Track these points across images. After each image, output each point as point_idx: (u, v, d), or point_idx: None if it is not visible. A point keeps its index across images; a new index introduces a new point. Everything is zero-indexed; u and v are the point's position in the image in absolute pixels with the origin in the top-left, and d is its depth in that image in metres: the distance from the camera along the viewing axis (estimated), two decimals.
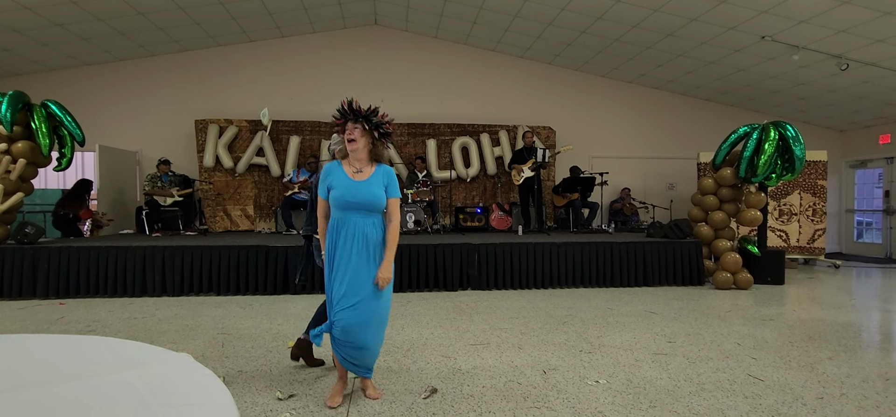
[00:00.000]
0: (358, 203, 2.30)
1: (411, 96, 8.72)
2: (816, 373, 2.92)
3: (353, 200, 2.30)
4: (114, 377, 0.98)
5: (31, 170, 5.57)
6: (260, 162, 8.08)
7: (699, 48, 7.32)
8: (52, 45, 7.21)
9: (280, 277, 5.32)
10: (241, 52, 8.44)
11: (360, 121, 2.34)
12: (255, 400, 2.49)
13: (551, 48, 8.34)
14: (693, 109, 9.47)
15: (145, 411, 0.82)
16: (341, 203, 2.30)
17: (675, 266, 5.99)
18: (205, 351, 3.29)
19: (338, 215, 2.34)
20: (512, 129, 8.65)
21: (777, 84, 8.11)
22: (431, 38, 8.81)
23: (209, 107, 8.28)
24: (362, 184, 2.34)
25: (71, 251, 5.16)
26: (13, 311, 4.56)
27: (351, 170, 2.37)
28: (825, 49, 6.64)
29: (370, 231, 2.33)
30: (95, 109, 7.91)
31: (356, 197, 2.30)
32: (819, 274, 7.25)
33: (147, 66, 8.26)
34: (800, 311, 4.62)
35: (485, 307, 4.68)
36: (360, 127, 2.34)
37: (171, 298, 5.12)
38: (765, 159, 5.54)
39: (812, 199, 7.81)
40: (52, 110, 5.60)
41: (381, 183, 2.38)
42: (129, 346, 1.17)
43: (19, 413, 0.83)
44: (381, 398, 2.48)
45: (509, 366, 3.01)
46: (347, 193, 2.30)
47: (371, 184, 2.34)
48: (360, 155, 2.37)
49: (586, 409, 2.40)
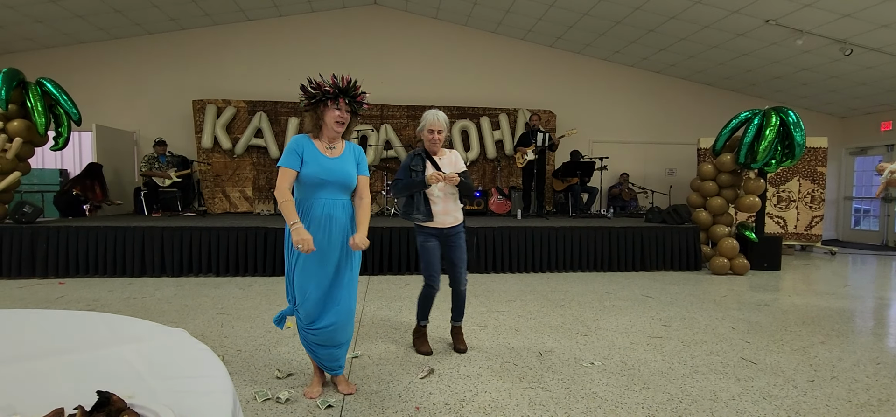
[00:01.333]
0: (331, 180, 2.20)
1: (411, 78, 8.65)
2: (808, 357, 2.95)
3: (327, 178, 2.19)
4: (110, 350, 0.99)
5: (28, 149, 5.54)
6: (258, 143, 8.04)
7: (702, 32, 7.24)
8: (47, 22, 7.11)
9: (279, 259, 5.33)
10: (238, 32, 8.34)
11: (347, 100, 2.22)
12: (254, 378, 2.52)
13: (553, 30, 8.24)
14: (694, 94, 9.42)
15: (141, 383, 0.83)
16: (313, 180, 2.18)
17: (672, 251, 6.01)
18: (204, 331, 3.32)
19: (305, 194, 2.22)
20: (512, 113, 8.60)
21: (780, 69, 8.05)
22: (431, 19, 8.70)
23: (207, 88, 8.21)
24: (335, 161, 2.23)
25: (69, 231, 5.16)
26: (12, 290, 4.58)
27: (323, 145, 2.25)
28: (829, 34, 6.58)
29: (338, 212, 2.23)
30: (92, 88, 7.84)
31: (330, 175, 2.19)
32: (815, 260, 7.28)
33: (143, 45, 8.17)
34: (794, 297, 4.65)
35: (483, 290, 4.71)
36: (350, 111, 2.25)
37: (170, 278, 5.13)
38: (765, 145, 5.52)
39: (811, 186, 7.81)
40: (48, 88, 5.55)
41: (352, 160, 2.29)
42: (126, 322, 1.18)
43: (18, 384, 0.84)
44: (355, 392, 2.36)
45: (506, 348, 3.04)
46: (321, 171, 2.19)
47: (343, 162, 2.25)
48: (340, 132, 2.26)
49: (581, 390, 2.43)
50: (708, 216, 6.18)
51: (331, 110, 2.20)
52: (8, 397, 0.73)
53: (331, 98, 2.20)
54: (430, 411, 2.19)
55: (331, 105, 2.20)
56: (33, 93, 5.43)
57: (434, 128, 2.77)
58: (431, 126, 2.78)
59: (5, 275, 5.08)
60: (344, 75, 2.25)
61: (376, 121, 8.30)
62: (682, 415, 2.17)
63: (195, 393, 0.80)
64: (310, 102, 2.23)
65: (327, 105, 2.20)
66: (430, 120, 2.77)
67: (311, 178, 2.18)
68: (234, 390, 0.83)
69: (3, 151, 5.29)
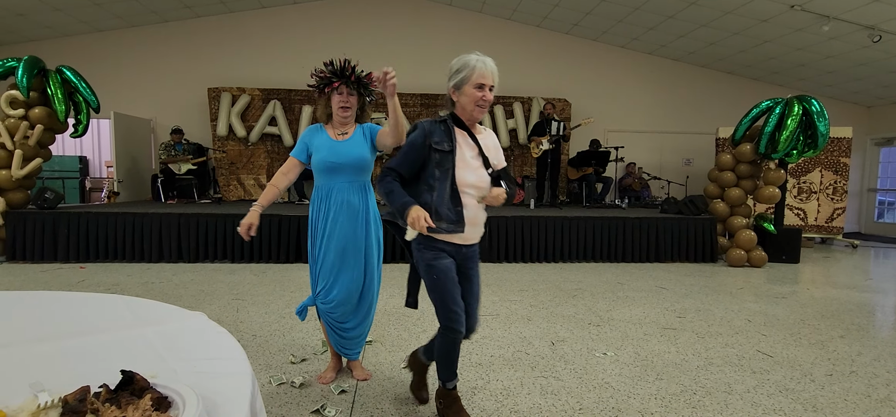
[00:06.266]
0: (343, 164, 2.17)
1: (425, 66, 8.60)
2: (827, 351, 2.90)
3: (339, 161, 2.16)
4: (132, 332, 1.01)
5: (49, 136, 5.66)
6: (272, 131, 8.10)
7: (724, 18, 7.06)
8: (65, 10, 7.22)
9: (292, 246, 5.39)
10: (253, 19, 8.37)
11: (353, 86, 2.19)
12: (269, 363, 2.56)
13: (569, 17, 8.12)
14: (714, 83, 9.22)
15: (162, 364, 0.85)
16: (326, 165, 2.16)
17: (688, 242, 5.93)
18: (220, 316, 3.38)
19: (321, 181, 2.21)
20: (526, 101, 8.52)
21: (804, 56, 7.82)
22: (446, 6, 8.63)
23: (222, 75, 8.28)
24: (345, 143, 2.20)
25: (90, 216, 5.28)
26: (36, 273, 4.71)
27: (334, 132, 2.24)
28: (857, 20, 6.36)
29: (356, 198, 2.20)
30: (109, 76, 7.96)
31: (341, 157, 2.17)
32: (835, 253, 7.13)
33: (160, 33, 8.25)
34: (813, 290, 4.56)
35: (495, 279, 4.70)
36: (355, 93, 2.21)
37: (186, 264, 5.23)
38: (786, 135, 5.39)
39: (833, 177, 7.62)
40: (68, 76, 5.64)
41: (362, 140, 2.23)
42: (147, 304, 1.20)
43: (46, 362, 0.86)
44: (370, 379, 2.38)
45: (518, 337, 3.04)
46: (332, 155, 2.16)
47: (354, 144, 2.21)
48: (350, 118, 2.24)
49: (593, 380, 2.42)
50: (725, 207, 6.07)
51: (333, 95, 2.20)
52: (37, 374, 0.75)
53: (327, 83, 2.19)
54: None
55: (332, 90, 2.19)
56: (53, 80, 5.53)
57: (484, 81, 1.75)
58: (480, 77, 1.74)
59: (28, 259, 5.22)
60: (340, 58, 2.21)
61: None
62: (696, 407, 2.16)
63: (215, 375, 0.81)
64: (318, 91, 2.24)
65: (329, 91, 2.20)
66: (477, 67, 1.74)
67: (322, 164, 2.18)
68: (252, 372, 0.84)
69: (24, 138, 5.41)
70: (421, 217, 1.61)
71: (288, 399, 2.15)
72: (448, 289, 1.79)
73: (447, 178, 1.75)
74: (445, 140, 1.77)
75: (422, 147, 1.76)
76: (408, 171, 1.79)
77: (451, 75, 1.82)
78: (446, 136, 1.78)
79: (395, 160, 1.80)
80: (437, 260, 1.79)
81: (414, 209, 1.64)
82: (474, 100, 1.75)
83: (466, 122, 1.82)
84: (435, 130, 1.78)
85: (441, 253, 1.80)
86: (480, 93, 1.75)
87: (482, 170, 1.82)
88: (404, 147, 1.81)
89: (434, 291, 1.82)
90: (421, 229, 1.61)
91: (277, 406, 2.08)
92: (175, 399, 0.69)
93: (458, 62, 1.79)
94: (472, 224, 1.81)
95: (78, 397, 0.67)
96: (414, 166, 1.78)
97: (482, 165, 1.83)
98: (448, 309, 1.80)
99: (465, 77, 1.76)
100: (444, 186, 1.76)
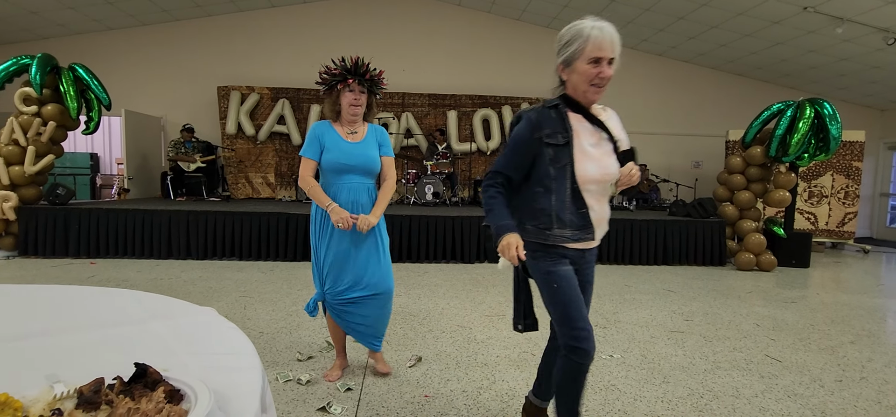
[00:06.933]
0: (354, 165, 2.17)
1: (432, 66, 8.62)
2: (837, 356, 2.87)
3: (349, 163, 2.16)
4: (144, 326, 1.02)
5: (61, 132, 5.73)
6: (281, 130, 8.15)
7: (735, 19, 7.00)
8: (78, 8, 7.31)
9: (300, 244, 5.42)
10: (262, 18, 8.43)
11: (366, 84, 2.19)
12: (276, 360, 2.57)
13: (579, 18, 8.07)
14: (724, 85, 9.14)
15: (174, 358, 0.86)
16: (335, 166, 2.16)
17: (696, 245, 5.89)
18: (227, 313, 3.40)
19: (329, 180, 2.20)
20: (535, 102, 8.49)
21: (816, 59, 7.74)
22: (455, 6, 8.63)
23: (231, 74, 8.34)
24: (358, 145, 2.20)
25: (100, 213, 5.34)
26: (47, 269, 4.78)
27: (344, 131, 2.22)
28: (872, 22, 6.28)
29: (364, 198, 2.20)
30: (120, 74, 8.04)
31: (353, 159, 2.17)
32: (846, 258, 7.04)
33: (170, 31, 8.32)
34: (823, 295, 4.51)
35: (501, 279, 4.70)
36: (366, 91, 2.21)
37: (195, 261, 5.27)
38: (798, 138, 5.33)
39: (845, 181, 7.53)
40: (80, 73, 5.72)
41: (375, 143, 2.24)
42: (158, 299, 1.22)
43: (61, 355, 0.88)
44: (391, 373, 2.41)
45: (524, 338, 3.03)
46: (342, 156, 2.16)
47: (366, 146, 2.21)
48: (359, 116, 2.24)
49: (600, 382, 2.41)
50: (735, 210, 6.02)
51: (344, 93, 2.18)
52: (52, 366, 0.76)
53: (340, 80, 2.17)
54: (447, 397, 2.21)
55: (343, 88, 2.17)
56: (66, 78, 5.60)
57: (602, 54, 1.42)
58: (596, 49, 1.41)
59: (40, 254, 5.29)
60: (352, 55, 2.20)
61: (397, 109, 8.31)
62: (703, 411, 2.14)
63: (226, 369, 0.82)
64: (326, 88, 2.21)
65: (340, 88, 2.18)
66: (593, 36, 1.41)
67: (333, 164, 2.17)
68: (262, 367, 0.85)
69: (37, 135, 5.49)
70: (512, 246, 1.37)
71: (294, 397, 2.16)
72: (573, 301, 1.47)
73: (565, 176, 1.45)
74: (559, 131, 1.46)
75: (529, 142, 1.46)
76: (517, 173, 1.50)
77: (560, 48, 1.48)
78: (559, 126, 1.46)
79: (501, 160, 1.52)
80: (558, 267, 1.49)
81: (508, 236, 1.39)
82: (588, 78, 1.42)
83: (584, 102, 1.49)
84: (544, 120, 1.46)
85: (562, 260, 1.50)
86: (596, 69, 1.42)
87: (607, 158, 1.49)
88: (509, 144, 1.53)
89: (555, 304, 1.50)
90: (511, 261, 1.39)
91: (284, 403, 2.10)
92: (187, 392, 0.70)
93: (568, 31, 1.46)
94: (599, 224, 1.53)
95: (93, 388, 0.68)
96: (523, 167, 1.50)
97: (606, 152, 1.50)
98: (574, 326, 1.47)
99: (576, 50, 1.42)
100: (563, 186, 1.46)
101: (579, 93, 1.47)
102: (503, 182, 1.50)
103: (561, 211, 1.47)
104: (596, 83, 1.43)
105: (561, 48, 1.48)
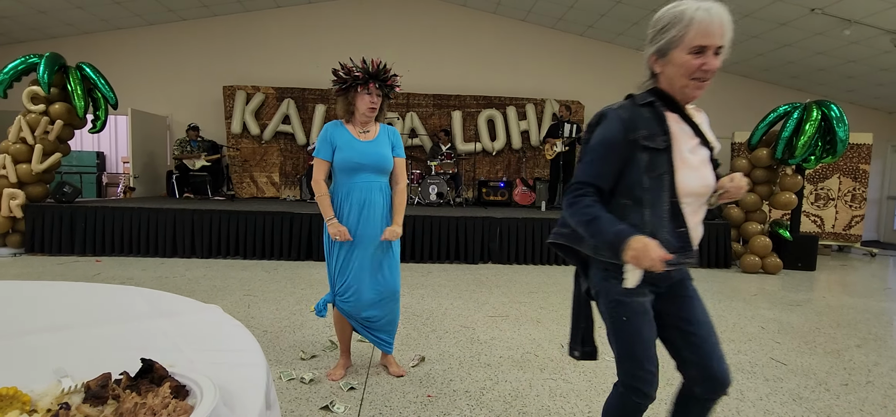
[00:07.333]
0: (366, 164, 2.19)
1: (438, 66, 8.62)
2: (843, 360, 2.85)
3: (362, 161, 2.18)
4: (150, 322, 1.03)
5: (68, 131, 5.77)
6: (286, 130, 8.17)
7: (741, 21, 6.97)
8: (86, 8, 7.36)
9: (303, 244, 5.44)
10: (268, 18, 8.46)
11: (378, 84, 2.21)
12: (279, 359, 2.58)
13: (584, 19, 8.07)
14: (730, 86, 9.09)
15: (179, 354, 0.86)
16: (348, 165, 2.18)
17: (701, 247, 5.82)
18: (231, 311, 3.41)
19: (342, 179, 2.22)
20: (539, 103, 8.50)
21: (823, 61, 7.69)
22: (460, 7, 8.64)
23: (237, 74, 8.38)
24: (370, 144, 2.22)
25: (106, 211, 5.38)
26: (54, 266, 4.81)
27: (356, 130, 2.24)
28: (879, 24, 6.23)
29: (376, 196, 2.22)
30: (127, 73, 8.10)
31: (365, 158, 2.18)
32: (853, 261, 6.99)
33: (177, 31, 8.37)
34: (829, 298, 4.48)
35: (505, 280, 4.70)
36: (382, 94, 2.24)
37: (199, 260, 5.30)
38: (804, 140, 5.30)
39: (852, 184, 7.47)
40: (87, 73, 5.76)
41: (387, 142, 2.27)
42: (164, 296, 1.22)
43: (68, 350, 0.88)
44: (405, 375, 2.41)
45: (527, 339, 3.03)
46: (355, 154, 2.18)
47: (378, 144, 2.23)
48: (373, 116, 2.26)
49: (603, 383, 2.40)
50: (740, 212, 5.99)
51: (361, 95, 2.19)
52: (59, 361, 0.77)
53: (361, 83, 2.18)
54: (450, 397, 2.21)
55: (361, 90, 2.19)
56: (73, 77, 5.64)
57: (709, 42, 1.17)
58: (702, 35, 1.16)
59: (46, 252, 5.33)
60: (374, 59, 2.22)
61: (402, 108, 8.32)
62: None
63: (231, 365, 0.83)
64: (341, 87, 2.22)
65: (358, 90, 2.19)
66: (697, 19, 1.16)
67: (346, 163, 2.18)
68: (267, 364, 0.85)
69: (45, 133, 5.53)
70: (651, 247, 1.09)
71: (297, 395, 2.17)
72: (642, 337, 1.27)
73: (662, 187, 1.22)
74: (657, 132, 1.22)
75: (622, 145, 1.22)
76: (606, 183, 1.24)
77: (654, 35, 1.23)
78: (657, 127, 1.22)
79: (585, 170, 1.26)
80: (631, 296, 1.25)
81: (636, 240, 1.11)
82: (688, 71, 1.17)
83: (681, 99, 1.25)
84: (638, 118, 1.22)
85: (643, 287, 1.25)
86: (699, 60, 1.16)
87: (705, 168, 1.27)
88: (595, 148, 1.25)
89: (620, 337, 1.29)
90: (653, 268, 1.10)
91: (287, 402, 2.10)
92: (193, 387, 0.71)
93: (667, 14, 1.20)
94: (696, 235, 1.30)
95: (100, 383, 0.69)
96: (613, 175, 1.24)
97: (703, 160, 1.27)
98: (638, 365, 1.27)
99: (675, 37, 1.17)
100: (661, 199, 1.23)
101: (676, 88, 1.22)
102: (596, 195, 1.23)
103: (657, 229, 1.22)
104: (698, 77, 1.18)
105: (656, 34, 1.22)
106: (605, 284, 1.30)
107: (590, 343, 1.47)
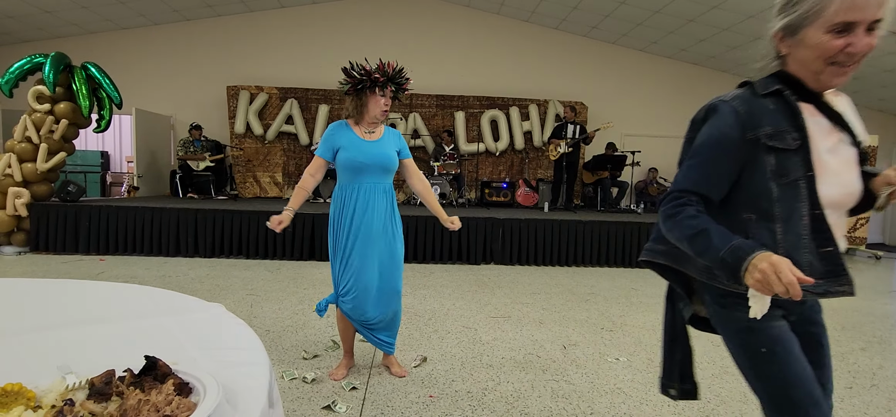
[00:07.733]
0: (372, 164, 2.18)
1: (441, 66, 8.63)
2: (847, 363, 2.83)
3: (368, 161, 2.17)
4: (153, 320, 1.03)
5: (73, 130, 5.81)
6: (289, 130, 8.19)
7: (746, 22, 6.95)
8: (91, 8, 7.40)
9: (306, 243, 5.44)
10: (272, 18, 8.49)
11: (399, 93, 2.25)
12: (281, 358, 2.59)
13: (588, 19, 8.06)
14: (730, 86, 9.05)
15: (183, 352, 0.87)
16: (353, 165, 2.17)
17: None
18: (234, 310, 3.42)
19: (346, 180, 2.22)
20: (542, 104, 8.49)
21: None
22: (464, 7, 8.64)
23: (240, 74, 8.41)
24: (375, 144, 2.22)
25: (110, 210, 5.40)
26: (58, 264, 4.84)
27: (362, 131, 2.24)
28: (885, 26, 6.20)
29: (379, 197, 2.21)
30: (131, 73, 8.13)
31: (369, 157, 2.18)
32: (858, 264, 6.95)
33: (181, 31, 8.41)
34: (833, 300, 4.45)
35: (507, 281, 4.69)
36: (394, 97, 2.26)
37: (202, 259, 5.31)
38: None
39: None
40: (92, 72, 5.79)
41: (392, 143, 2.28)
42: (167, 294, 1.23)
43: (72, 347, 0.89)
44: (407, 376, 2.41)
45: (529, 340, 3.03)
46: (360, 155, 2.17)
47: (383, 145, 2.24)
48: (383, 119, 2.27)
49: (605, 385, 2.40)
50: None
51: (376, 97, 2.18)
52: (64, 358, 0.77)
53: (379, 85, 2.18)
54: (452, 398, 2.21)
55: (376, 92, 2.18)
56: (78, 76, 5.67)
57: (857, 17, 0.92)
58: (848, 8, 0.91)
59: (51, 250, 5.36)
60: (390, 62, 2.22)
61: (405, 109, 8.33)
62: (710, 415, 2.12)
63: (234, 364, 0.83)
64: (354, 87, 2.20)
65: (373, 92, 2.18)
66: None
67: (351, 163, 2.18)
68: (270, 363, 0.85)
69: (50, 132, 5.56)
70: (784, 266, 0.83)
71: (299, 395, 2.17)
72: (798, 376, 0.99)
73: (798, 198, 0.97)
74: (786, 129, 0.98)
75: (738, 146, 0.98)
76: (717, 191, 1.01)
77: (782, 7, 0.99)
78: (786, 122, 0.98)
79: (688, 175, 1.02)
80: (770, 323, 1.01)
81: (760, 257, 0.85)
82: (825, 53, 0.93)
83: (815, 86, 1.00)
84: (760, 112, 0.98)
85: (773, 310, 0.99)
86: (842, 40, 0.92)
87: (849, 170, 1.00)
88: (701, 148, 1.02)
89: (766, 380, 1.01)
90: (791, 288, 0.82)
91: (289, 401, 2.11)
92: (196, 385, 0.71)
93: None
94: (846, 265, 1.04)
95: (104, 380, 0.69)
96: (726, 181, 1.01)
97: (847, 161, 1.01)
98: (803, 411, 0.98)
99: (809, 11, 0.92)
100: (796, 212, 0.98)
101: (809, 74, 0.97)
102: (701, 205, 0.99)
103: (794, 250, 0.98)
104: (839, 61, 0.93)
105: (784, 7, 0.97)
106: (722, 310, 1.05)
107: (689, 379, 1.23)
